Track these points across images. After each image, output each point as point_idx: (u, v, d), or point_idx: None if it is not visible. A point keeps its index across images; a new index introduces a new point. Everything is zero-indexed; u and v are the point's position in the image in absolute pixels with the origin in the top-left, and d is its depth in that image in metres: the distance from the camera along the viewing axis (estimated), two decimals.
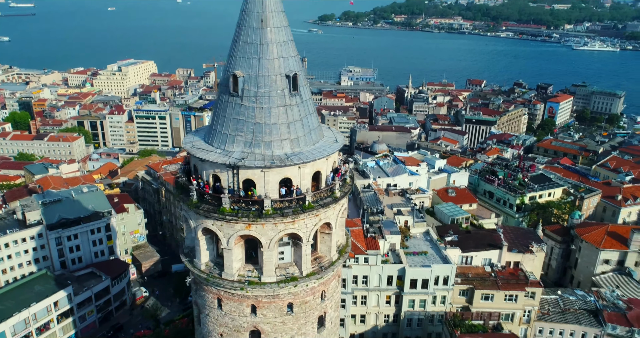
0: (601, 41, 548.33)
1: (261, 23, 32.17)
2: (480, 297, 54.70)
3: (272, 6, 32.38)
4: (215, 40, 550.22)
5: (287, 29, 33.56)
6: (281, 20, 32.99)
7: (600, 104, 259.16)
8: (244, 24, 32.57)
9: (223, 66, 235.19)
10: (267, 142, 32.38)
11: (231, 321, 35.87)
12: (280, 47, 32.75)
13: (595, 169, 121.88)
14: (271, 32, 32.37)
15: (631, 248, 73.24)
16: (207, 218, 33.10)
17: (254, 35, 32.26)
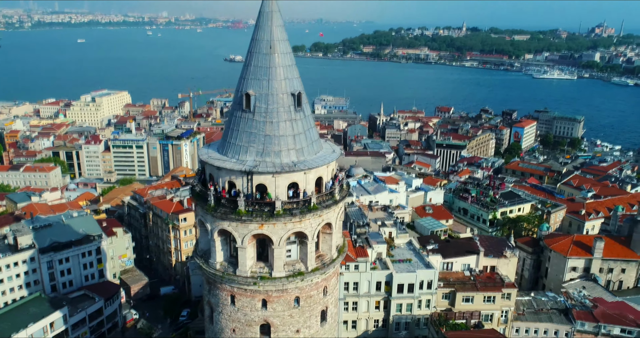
0: (559, 70, 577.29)
1: (270, 49, 37.14)
2: (461, 299, 59.31)
3: (279, 35, 37.46)
4: (187, 71, 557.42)
5: (290, 55, 38.62)
6: (286, 47, 38.05)
7: (562, 129, 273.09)
8: (254, 50, 37.48)
9: (198, 96, 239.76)
10: (276, 152, 36.89)
11: (243, 316, 39.40)
12: (286, 70, 37.71)
13: (559, 187, 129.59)
14: (278, 57, 37.35)
15: (595, 256, 79.30)
16: (223, 220, 37.05)
17: (263, 59, 37.16)
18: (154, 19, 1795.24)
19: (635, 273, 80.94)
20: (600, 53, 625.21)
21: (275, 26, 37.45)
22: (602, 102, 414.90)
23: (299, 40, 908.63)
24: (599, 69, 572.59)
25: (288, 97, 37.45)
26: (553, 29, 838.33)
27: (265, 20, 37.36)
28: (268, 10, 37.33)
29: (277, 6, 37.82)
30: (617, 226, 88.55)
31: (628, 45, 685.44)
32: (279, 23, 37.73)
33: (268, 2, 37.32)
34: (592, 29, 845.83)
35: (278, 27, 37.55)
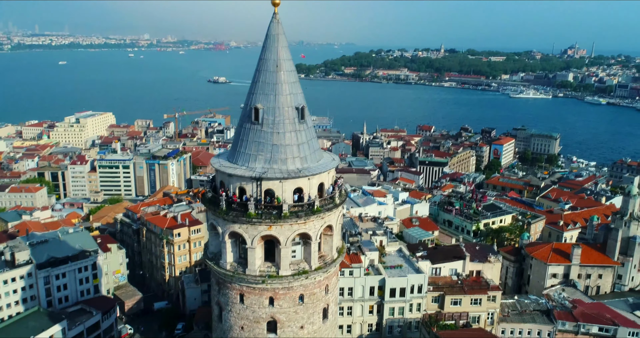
0: (535, 89, 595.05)
1: (276, 68, 40.98)
2: (450, 302, 62.71)
3: (284, 55, 41.36)
4: (170, 92, 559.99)
5: (294, 72, 42.49)
6: (290, 65, 41.96)
7: (539, 146, 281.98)
8: (262, 68, 41.28)
9: (182, 117, 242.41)
10: (282, 159, 40.42)
11: (252, 313, 42.26)
12: (290, 86, 41.54)
13: (538, 200, 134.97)
14: (284, 74, 41.19)
15: (573, 262, 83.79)
16: (234, 223, 40.21)
17: (271, 77, 40.96)
18: (135, 41, 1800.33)
19: (612, 279, 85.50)
20: (573, 73, 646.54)
21: (281, 47, 41.38)
22: (576, 120, 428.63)
23: None
24: (573, 89, 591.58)
25: (292, 110, 41.18)
26: (528, 51, 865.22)
27: (272, 42, 41.29)
28: (274, 33, 41.30)
29: (282, 29, 41.84)
30: (593, 234, 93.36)
31: (599, 65, 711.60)
32: (284, 44, 41.68)
33: (274, 25, 41.34)
34: (564, 51, 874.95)
35: (283, 47, 41.48)
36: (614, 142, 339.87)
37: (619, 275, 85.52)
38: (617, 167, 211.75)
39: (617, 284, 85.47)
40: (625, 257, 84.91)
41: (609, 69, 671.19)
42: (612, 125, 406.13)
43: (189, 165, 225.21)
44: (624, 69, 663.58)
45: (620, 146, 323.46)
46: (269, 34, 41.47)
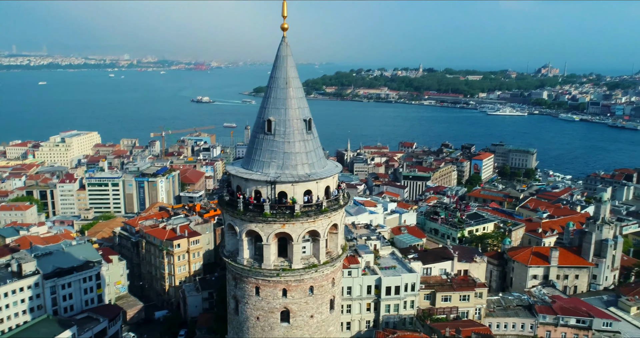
0: (511, 107, 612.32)
1: (286, 84, 46.56)
2: (441, 299, 67.89)
3: (292, 74, 46.98)
4: (153, 111, 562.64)
5: (301, 89, 48.11)
6: (298, 83, 47.58)
7: (517, 161, 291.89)
8: (273, 85, 46.78)
9: (168, 135, 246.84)
10: (293, 165, 45.66)
11: (267, 304, 46.89)
12: (298, 101, 47.06)
13: (518, 210, 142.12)
14: (293, 91, 46.75)
15: (552, 264, 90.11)
16: (251, 222, 45.11)
17: (281, 93, 46.46)
18: (115, 61, 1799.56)
19: (587, 279, 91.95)
20: (548, 91, 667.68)
21: (290, 66, 47.02)
22: (551, 136, 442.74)
23: (262, 81, 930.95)
24: (547, 106, 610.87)
25: (301, 122, 46.64)
26: (503, 70, 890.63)
27: (282, 62, 46.93)
28: (284, 54, 46.96)
29: (290, 51, 47.55)
30: (570, 239, 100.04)
31: (572, 84, 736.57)
32: (292, 64, 47.35)
33: (284, 47, 47.01)
34: (538, 69, 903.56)
35: (292, 67, 47.13)
36: (588, 156, 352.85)
37: (594, 275, 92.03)
38: (591, 180, 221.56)
39: (593, 284, 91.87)
40: (599, 258, 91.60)
41: (581, 87, 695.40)
42: (585, 141, 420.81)
43: (177, 183, 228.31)
44: (595, 87, 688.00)
45: (594, 160, 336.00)
46: (279, 55, 47.13)
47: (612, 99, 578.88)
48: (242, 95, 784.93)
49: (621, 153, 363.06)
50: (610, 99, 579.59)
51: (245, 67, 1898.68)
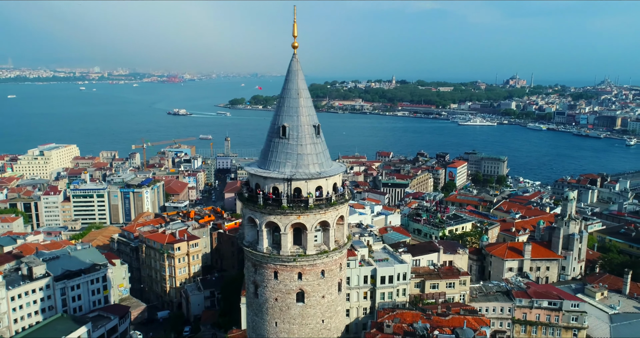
0: (481, 117, 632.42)
1: (298, 95, 53.94)
2: (429, 286, 75.42)
3: (302, 86, 54.37)
4: (130, 124, 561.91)
5: (310, 98, 55.43)
6: (307, 93, 54.95)
7: (489, 168, 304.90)
8: (286, 96, 54.09)
9: (148, 147, 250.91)
10: (305, 165, 52.83)
11: (284, 286, 53.60)
12: (308, 109, 54.44)
13: (493, 212, 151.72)
14: (303, 100, 54.13)
15: (525, 257, 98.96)
16: (270, 214, 51.94)
17: (293, 102, 53.79)
18: (85, 74, 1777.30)
19: (557, 270, 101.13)
20: (516, 102, 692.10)
21: (300, 79, 54.45)
22: (520, 144, 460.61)
23: (237, 93, 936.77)
24: (516, 116, 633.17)
25: (310, 127, 53.99)
26: (473, 81, 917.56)
27: (293, 76, 54.37)
28: (295, 69, 54.46)
29: (300, 65, 55.02)
30: (540, 235, 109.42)
31: (538, 94, 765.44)
32: (302, 77, 54.80)
33: (294, 62, 54.53)
34: (507, 81, 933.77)
35: (301, 80, 54.56)
36: (555, 163, 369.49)
37: (563, 267, 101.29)
38: (559, 185, 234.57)
39: (562, 274, 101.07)
40: (567, 251, 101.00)
41: (548, 98, 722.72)
42: (552, 149, 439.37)
43: (162, 193, 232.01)
44: (560, 98, 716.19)
45: (561, 166, 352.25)
46: (291, 69, 54.56)
47: (576, 108, 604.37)
48: (217, 107, 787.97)
49: (586, 160, 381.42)
50: (575, 108, 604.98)
51: (219, 79, 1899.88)
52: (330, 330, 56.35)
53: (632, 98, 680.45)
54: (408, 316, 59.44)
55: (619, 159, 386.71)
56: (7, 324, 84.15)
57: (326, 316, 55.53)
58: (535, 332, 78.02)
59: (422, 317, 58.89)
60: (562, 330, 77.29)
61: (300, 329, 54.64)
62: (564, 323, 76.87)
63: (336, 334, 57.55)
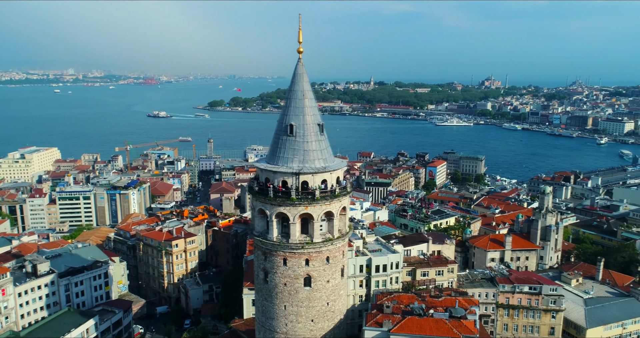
0: (458, 118, 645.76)
1: (303, 96, 58.82)
2: (420, 274, 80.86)
3: (307, 87, 59.25)
4: (109, 127, 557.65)
5: (314, 99, 60.28)
6: (311, 94, 59.83)
7: (467, 167, 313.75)
8: (292, 97, 58.87)
9: (131, 149, 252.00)
10: (311, 160, 57.72)
11: (292, 272, 58.36)
12: (312, 109, 59.34)
13: (473, 207, 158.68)
14: (308, 101, 59.01)
15: (506, 248, 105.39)
16: (280, 206, 56.67)
17: (299, 102, 58.62)
18: (59, 76, 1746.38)
19: (536, 259, 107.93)
20: (491, 102, 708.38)
21: (305, 82, 59.36)
22: (496, 144, 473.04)
23: (216, 95, 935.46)
24: (492, 116, 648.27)
25: (315, 126, 58.94)
26: (450, 82, 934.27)
27: (299, 79, 59.24)
28: (300, 72, 59.34)
29: (305, 69, 59.88)
30: (520, 227, 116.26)
31: (513, 95, 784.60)
32: (306, 79, 59.73)
33: (300, 66, 59.35)
34: (482, 82, 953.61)
35: (306, 82, 59.48)
36: (530, 161, 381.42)
37: (541, 257, 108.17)
38: (534, 182, 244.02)
39: (540, 264, 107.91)
40: (544, 242, 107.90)
41: (522, 98, 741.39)
42: (527, 148, 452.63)
43: (148, 195, 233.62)
44: (534, 98, 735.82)
45: (536, 165, 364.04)
46: (296, 72, 59.46)
47: (549, 109, 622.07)
48: (196, 109, 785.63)
49: (559, 158, 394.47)
50: (548, 109, 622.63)
51: (196, 81, 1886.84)
52: (334, 312, 61.44)
53: (602, 98, 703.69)
54: (404, 298, 64.68)
55: (590, 157, 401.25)
56: (15, 319, 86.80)
57: (331, 299, 60.58)
58: (517, 315, 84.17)
59: (417, 298, 64.16)
60: (542, 313, 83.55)
61: (307, 311, 59.54)
62: (544, 306, 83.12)
63: (339, 316, 62.67)
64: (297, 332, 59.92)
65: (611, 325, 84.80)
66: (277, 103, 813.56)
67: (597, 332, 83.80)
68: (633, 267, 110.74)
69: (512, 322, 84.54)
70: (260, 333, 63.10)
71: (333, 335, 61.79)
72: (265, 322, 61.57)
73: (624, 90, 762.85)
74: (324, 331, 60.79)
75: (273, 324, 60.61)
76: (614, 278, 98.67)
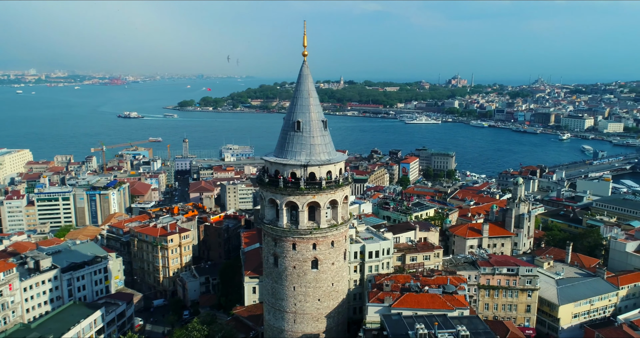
0: (427, 116, 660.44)
1: (308, 95, 64.54)
2: (409, 259, 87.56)
3: (312, 87, 65.04)
4: (79, 128, 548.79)
5: (318, 98, 66.13)
6: (315, 93, 65.59)
7: (439, 163, 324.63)
8: (299, 96, 64.50)
9: (106, 150, 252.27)
10: (317, 153, 63.48)
11: (301, 256, 64.03)
12: (316, 107, 65.14)
13: (449, 200, 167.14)
14: (312, 99, 64.78)
15: (484, 235, 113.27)
16: (290, 195, 62.22)
17: (305, 101, 64.31)
18: (20, 77, 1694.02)
19: (510, 245, 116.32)
20: (458, 100, 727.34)
21: (309, 82, 65.10)
22: (465, 141, 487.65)
23: (185, 95, 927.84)
24: (459, 114, 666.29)
25: (319, 122, 64.76)
26: (418, 81, 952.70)
27: (304, 79, 64.94)
28: (305, 73, 65.04)
29: (309, 70, 65.54)
30: (495, 217, 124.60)
31: (479, 93, 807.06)
32: (311, 80, 65.46)
33: (305, 68, 65.02)
34: (449, 81, 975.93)
35: (311, 83, 65.22)
36: (497, 157, 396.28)
37: (515, 243, 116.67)
38: (503, 176, 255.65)
39: (514, 249, 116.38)
40: (518, 229, 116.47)
41: (487, 96, 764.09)
42: (494, 144, 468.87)
43: (128, 195, 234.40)
44: (499, 96, 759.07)
45: (503, 160, 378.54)
46: (302, 74, 65.13)
47: (514, 106, 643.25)
48: (166, 109, 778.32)
49: (524, 153, 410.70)
50: (512, 106, 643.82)
51: (163, 81, 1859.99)
52: (338, 292, 67.49)
53: (564, 96, 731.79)
54: (401, 278, 71.03)
55: (553, 152, 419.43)
56: (21, 314, 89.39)
57: (335, 280, 66.63)
58: (497, 295, 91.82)
59: (412, 278, 70.71)
60: (519, 292, 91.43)
61: (315, 291, 65.43)
62: (520, 286, 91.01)
63: (342, 296, 68.76)
64: (305, 310, 65.70)
65: (580, 301, 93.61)
66: (248, 103, 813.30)
67: (568, 308, 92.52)
68: (598, 250, 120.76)
69: (493, 302, 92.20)
70: (270, 314, 68.55)
71: (337, 313, 67.85)
72: (275, 303, 67.06)
73: (584, 88, 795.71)
74: (329, 309, 66.76)
75: (283, 304, 66.19)
76: (581, 260, 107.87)
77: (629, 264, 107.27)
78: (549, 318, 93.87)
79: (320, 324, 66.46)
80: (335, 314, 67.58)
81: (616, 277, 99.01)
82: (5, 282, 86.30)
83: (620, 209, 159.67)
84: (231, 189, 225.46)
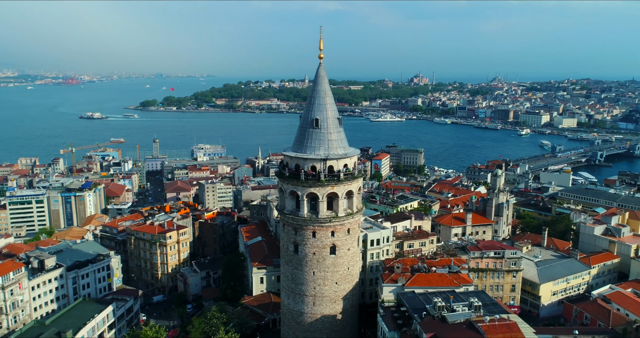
0: (391, 114, 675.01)
1: (325, 95, 69.54)
2: (407, 246, 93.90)
3: (328, 87, 70.05)
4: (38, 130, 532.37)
5: (333, 97, 71.10)
6: (331, 93, 70.62)
7: (408, 159, 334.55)
8: (316, 95, 69.37)
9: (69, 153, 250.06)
10: (334, 148, 68.61)
11: (320, 243, 69.02)
12: (332, 106, 70.24)
13: (428, 193, 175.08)
14: (329, 98, 69.82)
15: (467, 224, 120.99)
16: (311, 187, 67.09)
17: (322, 100, 69.26)
18: None
19: (491, 233, 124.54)
20: (421, 98, 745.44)
21: (325, 83, 70.11)
22: (430, 137, 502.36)
23: (145, 95, 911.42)
24: (423, 112, 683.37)
25: (335, 119, 69.92)
26: (381, 79, 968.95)
27: (321, 80, 69.91)
28: (322, 74, 70.03)
29: (325, 71, 70.47)
30: (475, 206, 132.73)
31: (440, 91, 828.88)
32: (327, 81, 70.52)
33: (321, 69, 69.97)
34: (411, 79, 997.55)
35: (326, 83, 70.26)
36: (462, 152, 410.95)
37: (495, 230, 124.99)
38: (471, 171, 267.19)
39: (495, 237, 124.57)
40: (498, 217, 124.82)
41: (449, 94, 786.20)
42: (458, 140, 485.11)
43: (103, 196, 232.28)
44: (460, 94, 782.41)
45: (467, 155, 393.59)
46: (318, 74, 70.09)
47: (475, 103, 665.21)
48: (127, 109, 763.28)
49: (487, 149, 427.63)
50: (473, 103, 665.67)
51: (120, 80, 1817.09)
52: (353, 275, 72.94)
53: (520, 93, 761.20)
54: (408, 261, 77.02)
55: (513, 147, 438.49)
56: (29, 312, 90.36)
57: (350, 264, 72.04)
58: (485, 277, 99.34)
59: (418, 261, 76.87)
60: (505, 273, 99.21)
61: (332, 275, 70.62)
62: (506, 268, 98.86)
63: (356, 279, 74.27)
64: (324, 293, 70.81)
65: (558, 280, 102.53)
66: (213, 102, 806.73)
67: (548, 286, 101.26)
68: (568, 234, 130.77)
69: (482, 283, 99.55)
70: (290, 298, 73.23)
71: (352, 295, 73.28)
72: (295, 288, 71.82)
73: (539, 86, 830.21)
74: (345, 292, 72.13)
75: (303, 289, 71.04)
76: (555, 244, 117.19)
77: (597, 246, 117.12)
78: (530, 296, 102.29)
79: (337, 306, 71.71)
80: (350, 296, 72.98)
81: (587, 257, 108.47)
82: (15, 282, 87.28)
83: (583, 198, 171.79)
84: (210, 188, 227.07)
